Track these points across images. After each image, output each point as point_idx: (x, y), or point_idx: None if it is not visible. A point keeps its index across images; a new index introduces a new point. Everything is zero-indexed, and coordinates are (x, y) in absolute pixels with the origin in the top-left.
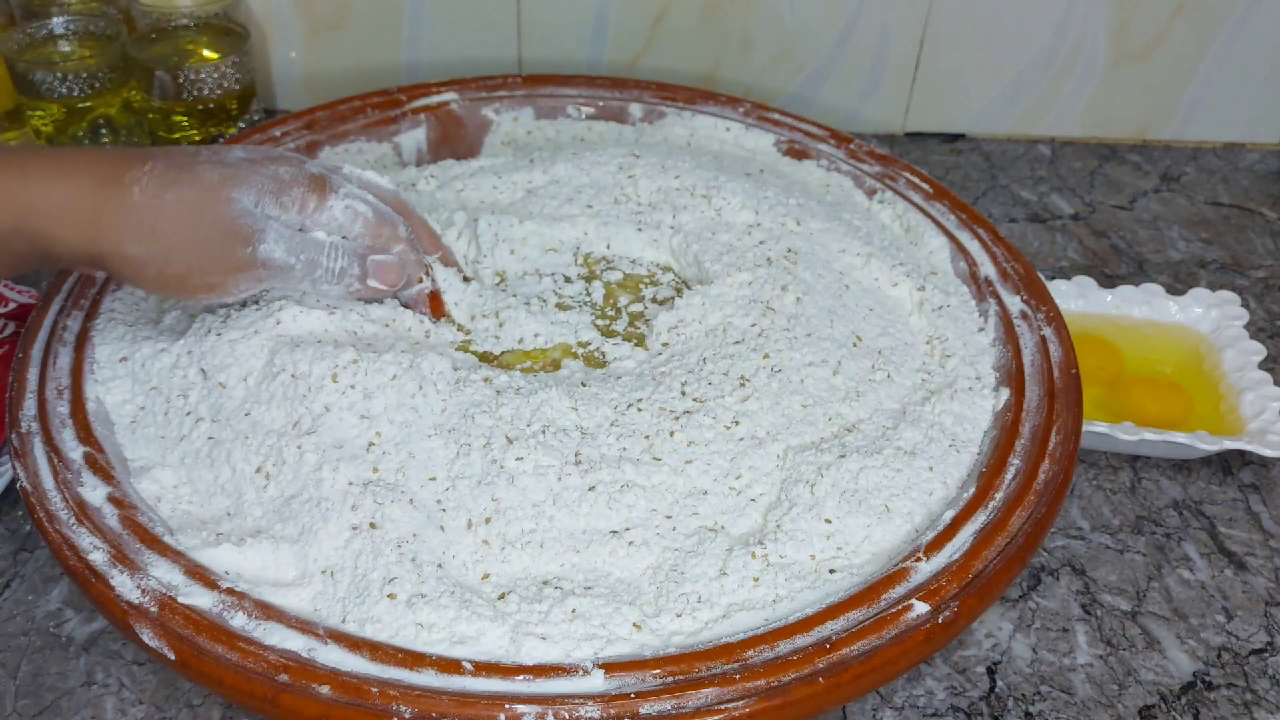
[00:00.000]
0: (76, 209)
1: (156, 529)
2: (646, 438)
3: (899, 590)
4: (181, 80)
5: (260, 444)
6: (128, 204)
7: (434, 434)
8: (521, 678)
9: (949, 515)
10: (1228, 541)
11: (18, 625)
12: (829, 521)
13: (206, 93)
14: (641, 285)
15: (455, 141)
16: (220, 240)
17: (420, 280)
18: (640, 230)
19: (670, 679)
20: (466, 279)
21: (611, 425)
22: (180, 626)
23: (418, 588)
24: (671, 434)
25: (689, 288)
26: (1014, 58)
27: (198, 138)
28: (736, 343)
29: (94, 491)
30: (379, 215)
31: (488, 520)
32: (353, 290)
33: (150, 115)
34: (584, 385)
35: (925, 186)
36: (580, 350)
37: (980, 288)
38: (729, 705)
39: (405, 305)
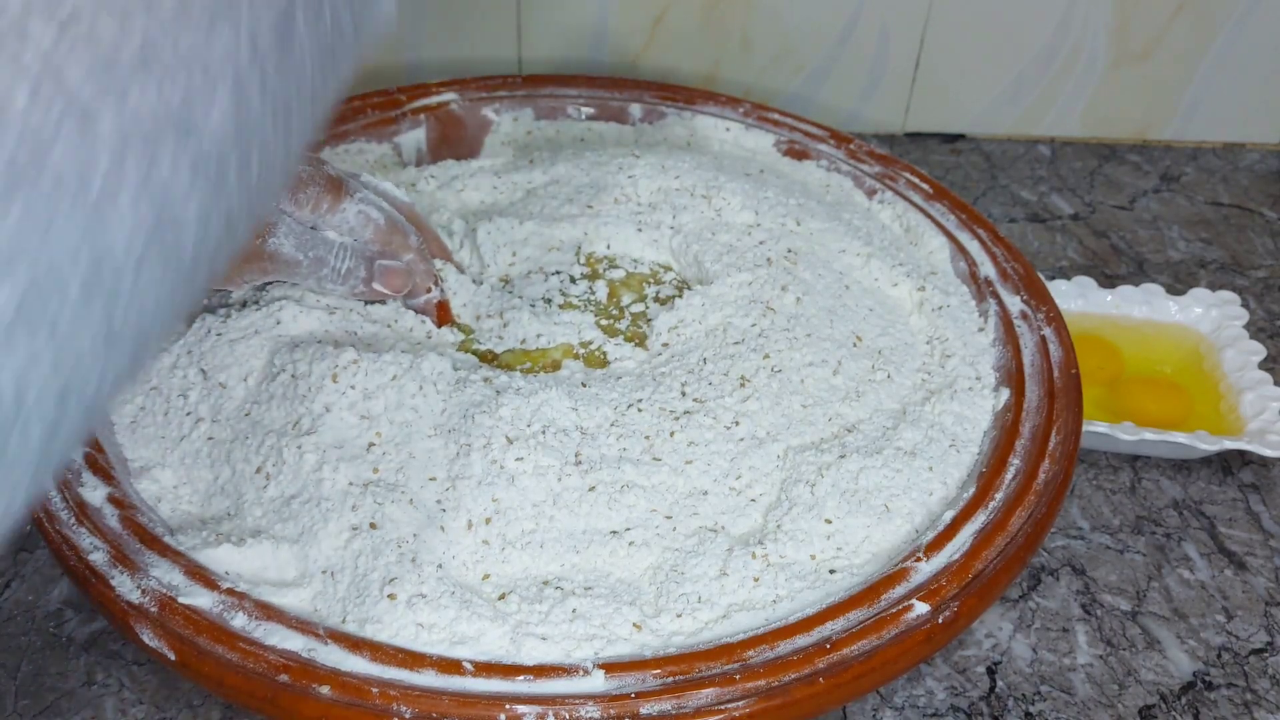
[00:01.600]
0: None
1: (156, 529)
2: (647, 438)
3: (899, 590)
4: None
5: (260, 444)
6: None
7: (434, 434)
8: (522, 678)
9: (949, 515)
10: (1228, 541)
11: (18, 625)
12: (829, 521)
13: None
14: (645, 284)
15: (455, 142)
16: None
17: (429, 290)
18: (640, 230)
19: (670, 679)
20: (477, 283)
21: (612, 425)
22: (180, 627)
23: (418, 588)
24: (672, 434)
25: (690, 288)
26: (1014, 58)
27: None
28: (736, 343)
29: (94, 492)
30: (391, 223)
31: (488, 520)
32: (357, 292)
33: None
34: (584, 385)
35: (925, 186)
36: (582, 350)
37: (980, 288)
38: (729, 705)
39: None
